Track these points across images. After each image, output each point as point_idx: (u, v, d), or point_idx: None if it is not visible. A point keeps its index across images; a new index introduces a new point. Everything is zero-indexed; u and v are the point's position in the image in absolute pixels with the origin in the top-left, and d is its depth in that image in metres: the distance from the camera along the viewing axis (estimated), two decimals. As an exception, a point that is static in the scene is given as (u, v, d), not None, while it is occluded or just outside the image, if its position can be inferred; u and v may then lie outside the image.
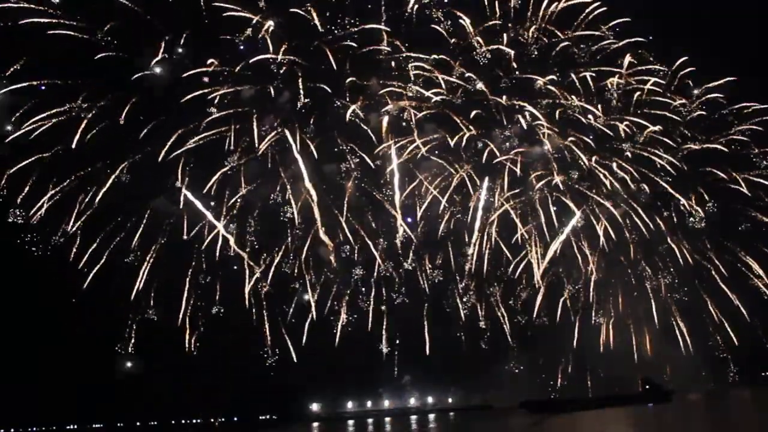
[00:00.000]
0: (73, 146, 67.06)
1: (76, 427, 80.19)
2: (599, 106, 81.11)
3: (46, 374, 70.84)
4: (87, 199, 68.30)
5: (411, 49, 76.16)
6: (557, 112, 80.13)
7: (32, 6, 65.48)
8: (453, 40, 77.97)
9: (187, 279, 72.50)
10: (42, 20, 65.61)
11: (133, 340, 72.27)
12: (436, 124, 76.78)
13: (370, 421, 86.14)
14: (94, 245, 68.74)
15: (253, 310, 73.84)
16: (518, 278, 79.26)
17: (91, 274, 68.47)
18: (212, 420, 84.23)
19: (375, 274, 77.08)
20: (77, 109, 67.33)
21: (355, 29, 74.80)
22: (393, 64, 76.53)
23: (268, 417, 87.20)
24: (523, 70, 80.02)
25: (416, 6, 76.28)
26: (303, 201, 73.47)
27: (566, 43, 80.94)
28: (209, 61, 71.31)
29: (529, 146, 78.87)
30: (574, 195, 79.01)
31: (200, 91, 70.80)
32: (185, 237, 71.74)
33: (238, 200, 73.10)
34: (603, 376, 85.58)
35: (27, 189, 66.68)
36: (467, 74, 77.36)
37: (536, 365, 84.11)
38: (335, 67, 74.13)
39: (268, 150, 73.23)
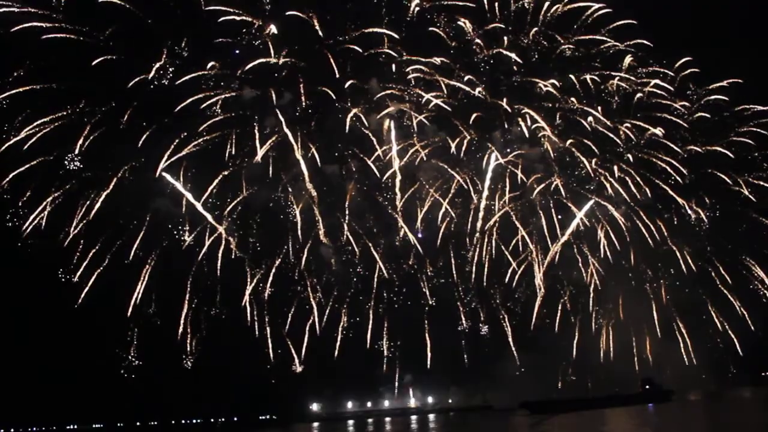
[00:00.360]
0: (75, 150, 67.23)
1: (76, 427, 80.00)
2: (599, 109, 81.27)
3: (46, 374, 70.73)
4: (88, 203, 68.26)
5: (412, 53, 76.24)
6: (558, 116, 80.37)
7: (34, 10, 65.35)
8: (453, 43, 78.14)
9: (189, 281, 72.41)
10: (43, 25, 65.55)
11: (134, 341, 72.29)
12: (437, 127, 76.98)
13: (370, 421, 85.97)
14: (96, 248, 68.63)
15: (254, 312, 73.95)
16: (519, 280, 79.46)
17: (93, 276, 68.40)
18: (212, 420, 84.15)
19: (376, 275, 77.31)
20: (79, 114, 67.31)
21: (356, 33, 74.87)
22: (394, 67, 76.68)
23: (268, 417, 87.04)
24: (524, 74, 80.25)
25: (417, 9, 76.42)
26: (304, 203, 73.67)
27: (567, 46, 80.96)
28: (210, 64, 71.29)
29: (530, 149, 79.06)
30: (575, 198, 79.30)
31: (202, 95, 70.71)
32: (187, 239, 71.73)
33: (239, 203, 73.27)
34: (603, 376, 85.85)
35: (29, 193, 66.68)
36: (468, 77, 77.45)
37: (537, 366, 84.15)
38: (336, 71, 74.26)
39: (270, 153, 73.27)
